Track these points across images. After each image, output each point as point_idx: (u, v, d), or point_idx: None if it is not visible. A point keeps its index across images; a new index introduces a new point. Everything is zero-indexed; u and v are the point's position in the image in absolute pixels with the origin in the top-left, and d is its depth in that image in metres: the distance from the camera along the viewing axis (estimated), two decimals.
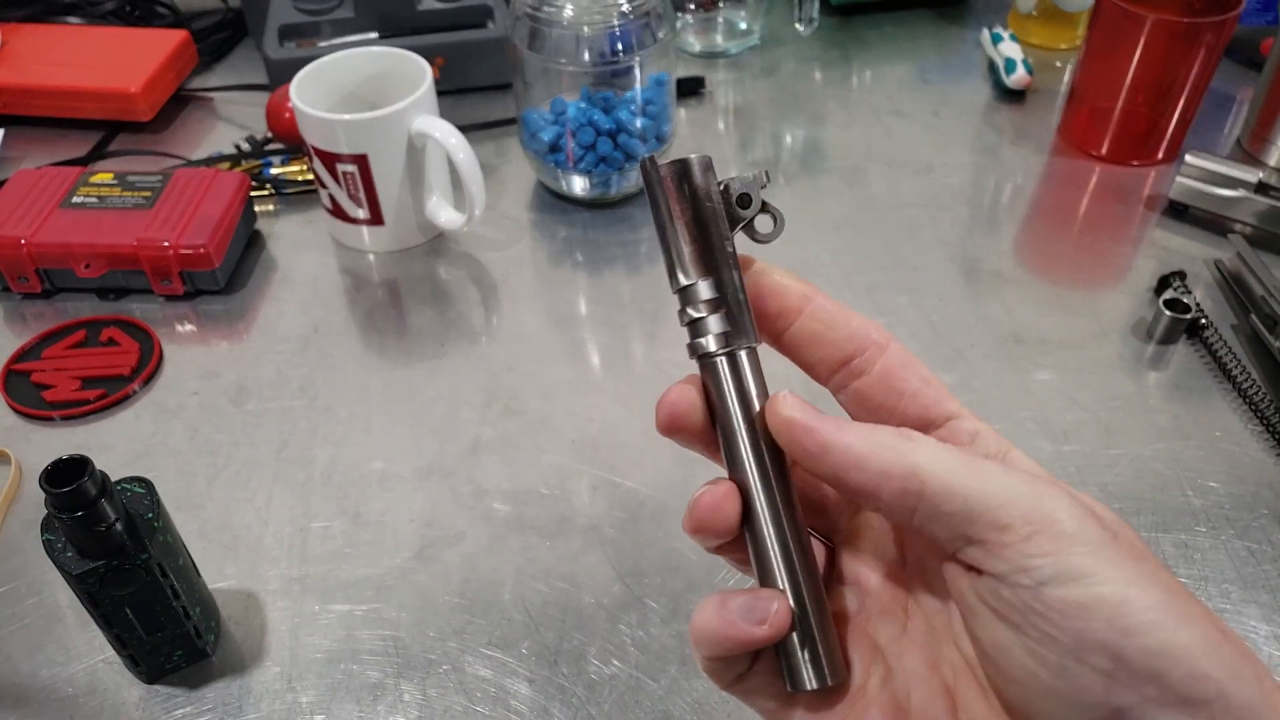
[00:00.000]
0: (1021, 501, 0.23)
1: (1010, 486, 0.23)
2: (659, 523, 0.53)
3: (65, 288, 0.66)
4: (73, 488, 0.38)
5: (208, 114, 0.84)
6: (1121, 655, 0.22)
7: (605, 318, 0.65)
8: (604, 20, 0.65)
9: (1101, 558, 0.22)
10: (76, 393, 0.59)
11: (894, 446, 0.24)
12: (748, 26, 0.91)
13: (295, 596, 0.50)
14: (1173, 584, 0.23)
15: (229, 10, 0.95)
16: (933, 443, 0.25)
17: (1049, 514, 0.23)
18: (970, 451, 0.25)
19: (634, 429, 0.57)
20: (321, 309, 0.66)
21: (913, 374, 0.27)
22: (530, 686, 0.46)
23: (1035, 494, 0.23)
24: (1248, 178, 0.68)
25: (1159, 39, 0.70)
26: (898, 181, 0.75)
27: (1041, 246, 0.70)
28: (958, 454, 0.24)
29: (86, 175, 0.68)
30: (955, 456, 0.24)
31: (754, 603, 0.26)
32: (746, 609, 0.26)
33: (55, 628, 0.49)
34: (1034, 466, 0.26)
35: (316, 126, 0.64)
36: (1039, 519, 0.23)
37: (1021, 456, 0.27)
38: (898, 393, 0.27)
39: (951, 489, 0.23)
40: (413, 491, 0.54)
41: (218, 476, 0.55)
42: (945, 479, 0.23)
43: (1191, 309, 0.62)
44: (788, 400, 0.26)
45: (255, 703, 0.46)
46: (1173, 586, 0.23)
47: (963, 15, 0.95)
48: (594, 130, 0.69)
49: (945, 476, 0.23)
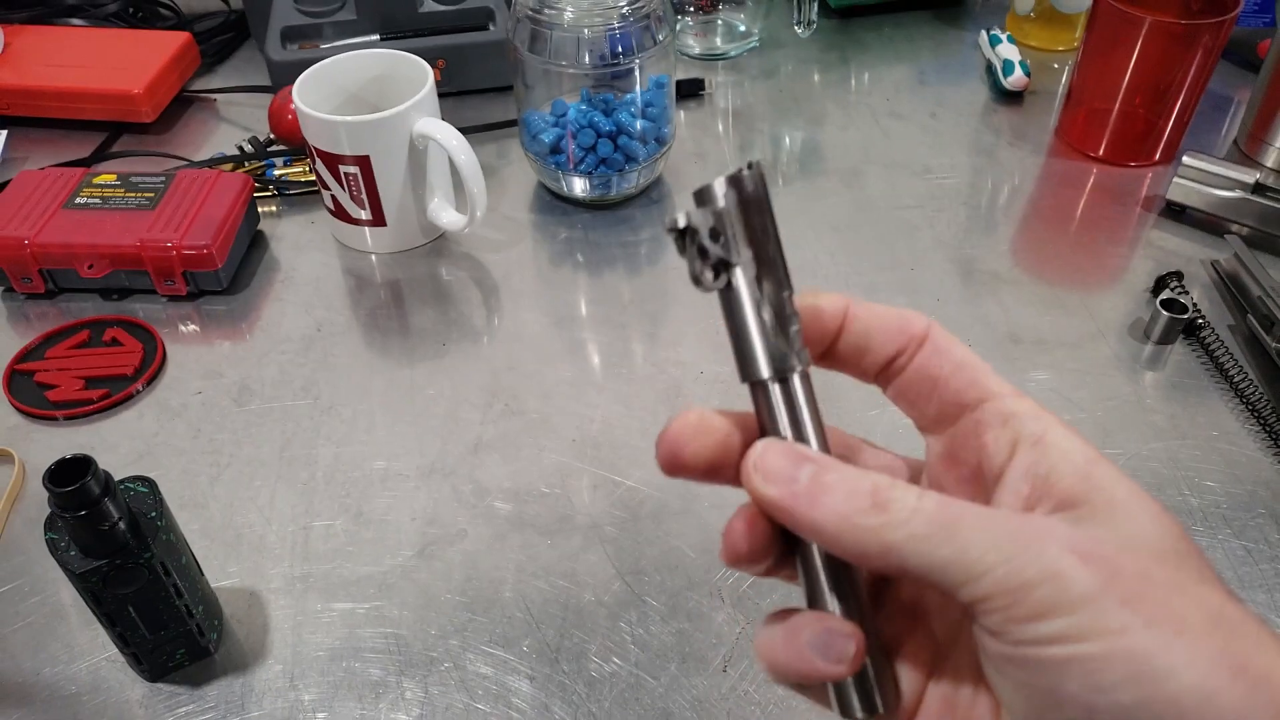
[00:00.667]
0: (999, 569, 0.22)
1: (992, 547, 0.22)
2: (659, 521, 0.53)
3: (68, 288, 0.67)
4: (76, 487, 0.38)
5: (210, 115, 0.84)
6: (1094, 712, 0.21)
7: (606, 318, 0.65)
8: (604, 23, 0.66)
9: (1086, 614, 0.21)
10: (80, 392, 0.60)
11: (867, 527, 0.23)
12: (747, 29, 0.91)
13: (298, 595, 0.50)
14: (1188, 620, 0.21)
15: (231, 12, 0.95)
16: (910, 503, 0.23)
17: (1027, 580, 0.22)
18: (951, 501, 0.23)
19: (634, 428, 0.58)
20: (324, 309, 0.66)
21: (947, 359, 0.27)
22: (531, 684, 0.46)
23: (1018, 549, 0.22)
24: (1245, 179, 0.68)
25: (1156, 40, 0.70)
26: (896, 183, 0.76)
27: (1039, 247, 0.70)
28: (936, 515, 0.23)
29: (90, 176, 0.68)
30: (932, 522, 0.22)
31: (829, 639, 0.25)
32: (823, 645, 0.25)
33: (58, 626, 0.49)
34: (1073, 445, 0.24)
35: (319, 128, 0.64)
36: (1017, 585, 0.22)
37: (1062, 435, 0.25)
38: (932, 380, 0.27)
39: (930, 564, 0.22)
40: (414, 490, 0.55)
41: (220, 476, 0.56)
42: (924, 556, 0.22)
43: (1189, 309, 0.62)
44: (761, 468, 0.24)
45: (258, 700, 0.46)
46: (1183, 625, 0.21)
47: (961, 17, 0.96)
48: (594, 132, 0.69)
49: (923, 553, 0.22)
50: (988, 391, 0.26)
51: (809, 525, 0.24)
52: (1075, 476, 0.24)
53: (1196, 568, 0.23)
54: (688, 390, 0.60)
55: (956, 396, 0.26)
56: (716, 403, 0.58)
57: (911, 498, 0.23)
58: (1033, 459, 0.24)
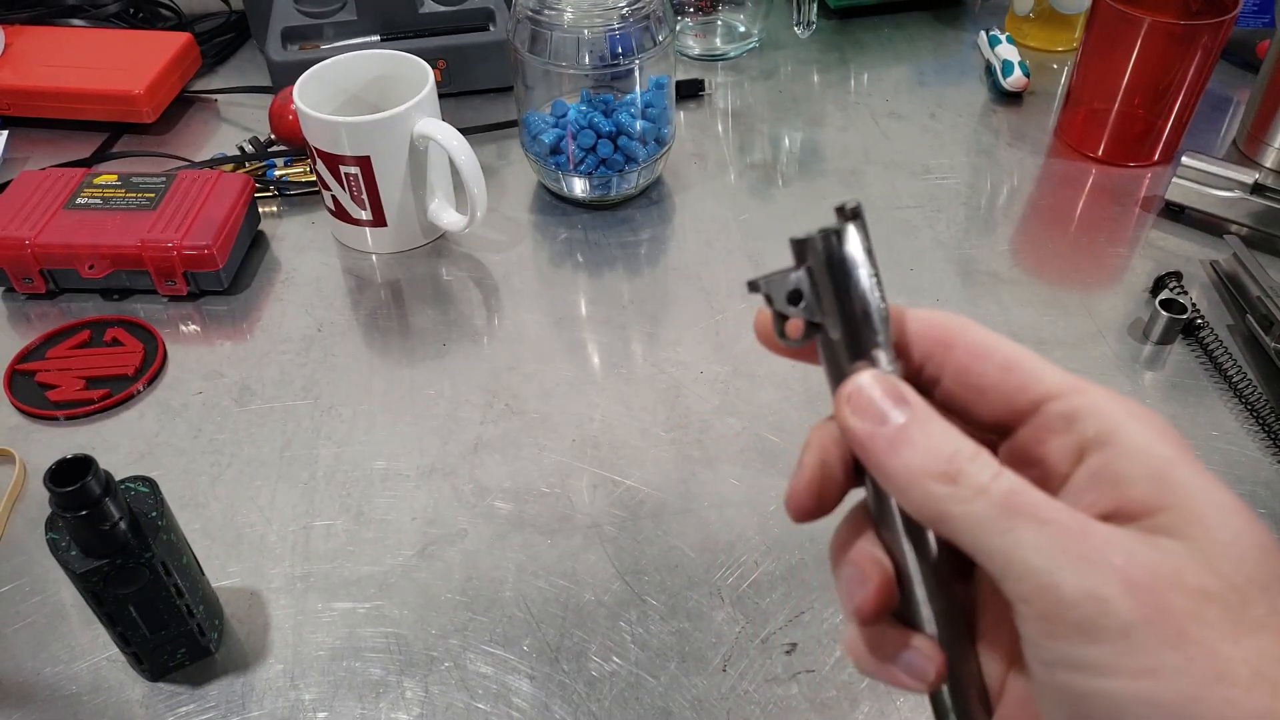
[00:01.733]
0: (1042, 577, 0.21)
1: (1042, 551, 0.21)
2: (658, 521, 0.53)
3: (69, 288, 0.67)
4: (77, 487, 0.38)
5: (211, 116, 0.84)
6: None
7: (605, 318, 0.65)
8: (604, 23, 0.66)
9: (1119, 647, 0.20)
10: (80, 392, 0.60)
11: (931, 493, 0.22)
12: (747, 30, 0.91)
13: (298, 594, 0.50)
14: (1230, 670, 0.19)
15: (232, 13, 0.95)
16: (979, 482, 0.22)
17: (1066, 597, 0.20)
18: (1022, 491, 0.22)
19: (634, 428, 0.58)
20: (324, 309, 0.66)
21: (990, 363, 0.24)
22: (531, 683, 0.46)
23: (1068, 561, 0.20)
24: (1244, 179, 0.68)
25: (1156, 41, 0.70)
26: (895, 183, 0.76)
27: (1038, 247, 0.70)
28: (999, 502, 0.21)
29: (90, 176, 0.68)
30: (993, 508, 0.21)
31: (915, 659, 0.24)
32: (908, 665, 0.24)
33: (59, 626, 0.49)
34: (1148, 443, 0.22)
35: (319, 129, 0.64)
36: (1055, 599, 0.20)
37: (1137, 430, 0.22)
38: (978, 390, 0.24)
39: (978, 549, 0.22)
40: (415, 490, 0.55)
41: (221, 475, 0.56)
42: (975, 539, 0.22)
43: (1188, 309, 0.62)
44: (856, 396, 0.23)
45: (258, 700, 0.46)
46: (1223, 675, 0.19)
47: (960, 18, 0.96)
48: (594, 133, 0.69)
49: (976, 536, 0.22)
50: (1045, 392, 0.24)
51: (880, 469, 0.23)
52: (1149, 482, 0.21)
53: (1272, 602, 0.20)
54: (688, 390, 0.60)
55: (1008, 404, 0.24)
56: (716, 402, 0.59)
57: (984, 476, 0.22)
58: (1100, 462, 0.22)
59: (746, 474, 0.55)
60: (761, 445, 0.57)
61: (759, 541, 0.52)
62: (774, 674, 0.47)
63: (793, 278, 0.25)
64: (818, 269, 0.24)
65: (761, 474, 0.55)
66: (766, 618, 0.49)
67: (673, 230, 0.72)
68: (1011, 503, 0.21)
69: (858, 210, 0.24)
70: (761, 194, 0.75)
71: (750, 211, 0.73)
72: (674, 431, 0.58)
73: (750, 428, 0.58)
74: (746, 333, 0.63)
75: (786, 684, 0.46)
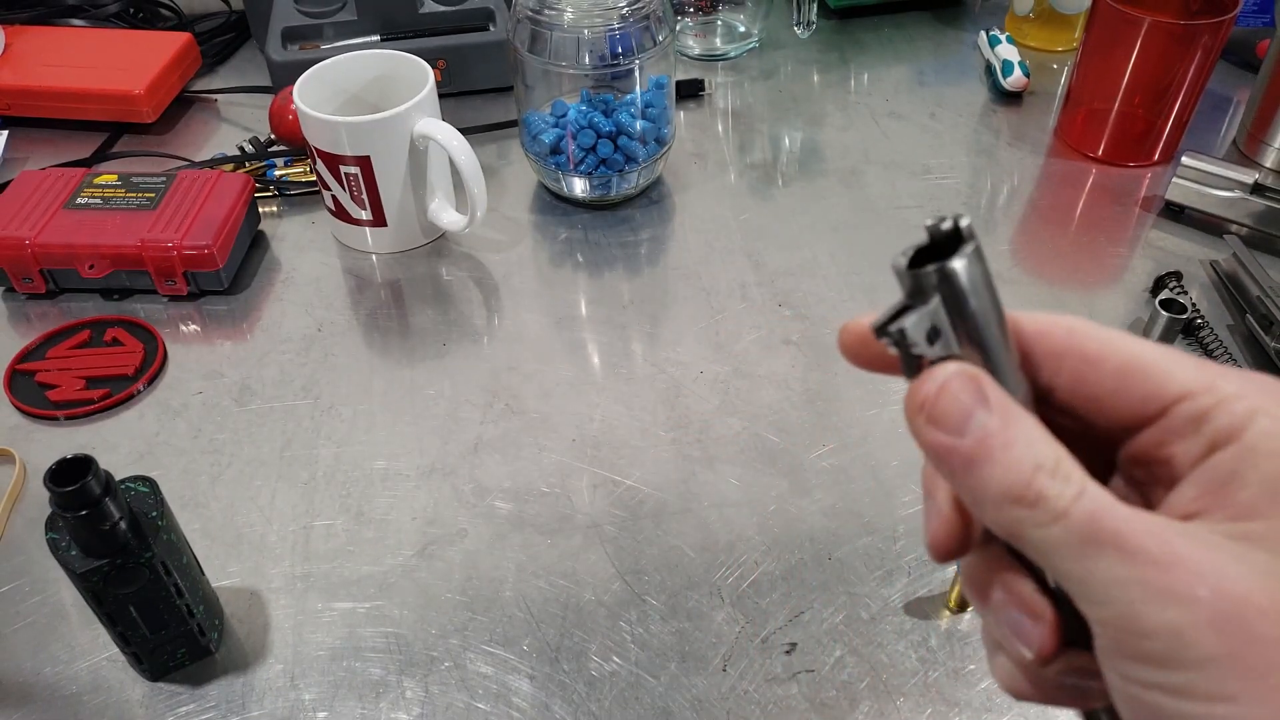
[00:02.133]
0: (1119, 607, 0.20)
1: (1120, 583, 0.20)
2: (658, 521, 0.53)
3: (69, 288, 0.67)
4: (77, 487, 0.38)
5: (211, 116, 0.84)
6: None
7: (605, 318, 0.65)
8: (604, 23, 0.66)
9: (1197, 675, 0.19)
10: (81, 392, 0.60)
11: (1009, 515, 0.21)
12: (746, 30, 0.91)
13: (298, 594, 0.50)
14: None
15: (232, 13, 0.95)
16: (1059, 505, 0.20)
17: (1143, 629, 0.19)
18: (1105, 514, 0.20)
19: (634, 428, 0.58)
20: (324, 309, 0.66)
21: (1105, 369, 0.22)
22: (531, 683, 0.46)
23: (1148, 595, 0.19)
24: (1244, 179, 0.68)
25: (1156, 41, 0.70)
26: (895, 183, 0.76)
27: (1038, 247, 0.70)
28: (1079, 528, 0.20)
29: (91, 176, 0.68)
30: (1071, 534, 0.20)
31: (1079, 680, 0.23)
32: (1071, 689, 0.23)
33: (59, 626, 0.49)
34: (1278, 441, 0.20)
35: (319, 128, 0.64)
36: (1132, 630, 0.20)
37: (1266, 427, 0.21)
38: (1093, 400, 0.22)
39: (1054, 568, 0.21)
40: (415, 490, 0.55)
41: (221, 475, 0.56)
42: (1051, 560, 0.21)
43: (1187, 309, 0.62)
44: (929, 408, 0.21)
45: (258, 700, 0.46)
46: None
47: (960, 18, 0.96)
48: (594, 133, 0.69)
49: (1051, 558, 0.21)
50: (1172, 394, 0.21)
51: (960, 485, 0.21)
52: (1261, 487, 0.20)
53: None
54: (688, 390, 0.60)
55: (1129, 412, 0.22)
56: (716, 402, 0.59)
57: (1066, 497, 0.20)
58: (1219, 459, 0.21)
59: (746, 474, 0.55)
60: (761, 445, 0.57)
61: (759, 541, 0.52)
62: (774, 674, 0.47)
63: (924, 315, 0.22)
64: (950, 300, 0.22)
65: (761, 474, 0.55)
66: (766, 618, 0.49)
67: (673, 230, 0.72)
68: (1093, 529, 0.20)
69: (971, 228, 0.22)
70: (761, 194, 0.75)
71: (750, 211, 0.73)
72: (674, 431, 0.58)
73: (750, 428, 0.58)
74: (746, 332, 0.63)
75: (786, 684, 0.46)
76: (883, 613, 0.49)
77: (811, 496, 0.54)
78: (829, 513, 0.53)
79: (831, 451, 0.56)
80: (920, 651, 0.48)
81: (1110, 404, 0.22)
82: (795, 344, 0.62)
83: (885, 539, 0.52)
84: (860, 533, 0.52)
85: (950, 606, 0.49)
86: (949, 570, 0.51)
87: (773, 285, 0.67)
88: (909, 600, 0.49)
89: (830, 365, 0.60)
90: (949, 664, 0.47)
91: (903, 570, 0.51)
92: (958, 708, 0.46)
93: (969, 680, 0.47)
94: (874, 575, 0.51)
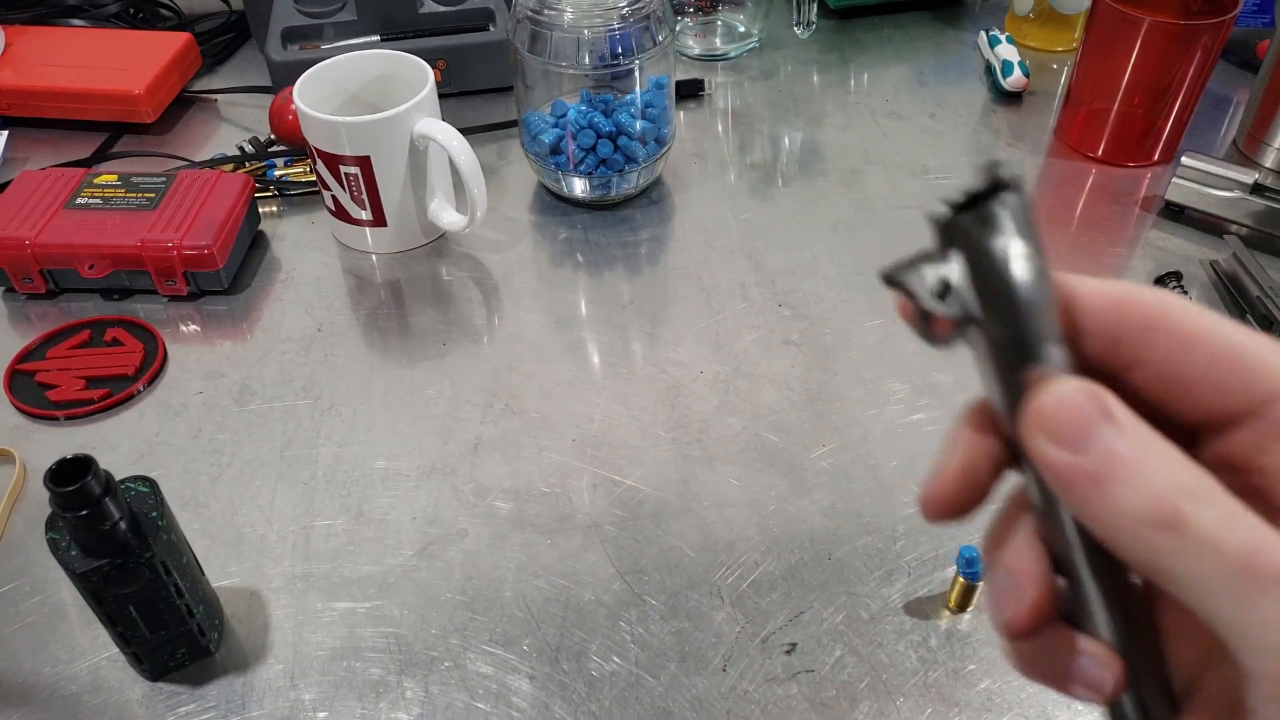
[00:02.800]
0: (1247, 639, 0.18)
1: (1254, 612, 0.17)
2: (658, 521, 0.53)
3: (69, 288, 0.67)
4: (77, 487, 0.38)
5: (211, 116, 0.84)
6: None
7: (605, 318, 0.65)
8: (604, 23, 0.66)
9: None
10: (81, 392, 0.60)
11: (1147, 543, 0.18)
12: (746, 30, 0.91)
13: (298, 594, 0.50)
14: None
15: (232, 13, 0.95)
16: (1206, 530, 0.18)
17: None
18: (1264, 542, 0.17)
19: (634, 428, 0.58)
20: (324, 309, 0.66)
21: (1198, 353, 0.20)
22: (531, 683, 0.46)
23: None
24: (1243, 179, 0.68)
25: (1156, 41, 0.70)
26: (895, 183, 0.76)
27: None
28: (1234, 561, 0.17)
29: (91, 176, 0.68)
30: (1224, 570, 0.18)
31: (1089, 669, 0.21)
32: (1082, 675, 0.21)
33: (59, 626, 0.49)
34: None
35: (319, 128, 0.64)
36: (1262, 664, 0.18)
37: None
38: (1181, 384, 0.20)
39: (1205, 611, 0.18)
40: (415, 490, 0.55)
41: (221, 475, 0.56)
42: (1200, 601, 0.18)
43: None
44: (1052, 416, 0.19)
45: (258, 700, 0.46)
46: None
47: (960, 18, 0.96)
48: (594, 133, 0.69)
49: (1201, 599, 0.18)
50: (1266, 392, 0.19)
51: (1083, 511, 0.19)
52: None
53: None
54: (688, 390, 0.60)
55: (1221, 403, 0.20)
56: (716, 402, 0.59)
57: (1212, 521, 0.17)
58: None
59: (746, 474, 0.55)
60: (761, 445, 0.57)
61: (759, 541, 0.52)
62: (774, 674, 0.47)
63: (940, 267, 0.20)
64: (975, 255, 0.20)
65: (761, 474, 0.55)
66: (766, 618, 0.49)
67: (673, 230, 0.72)
68: (1251, 563, 0.17)
69: (1017, 180, 0.19)
70: (761, 194, 0.75)
71: (750, 211, 0.73)
72: (674, 431, 0.58)
73: (750, 428, 0.58)
74: (746, 332, 0.63)
75: (786, 684, 0.46)
76: (883, 613, 0.49)
77: (811, 496, 0.54)
78: (829, 513, 0.53)
79: (831, 451, 0.56)
80: (920, 651, 0.48)
81: (1200, 390, 0.20)
82: (795, 344, 0.62)
83: (885, 539, 0.52)
84: (860, 533, 0.52)
85: (950, 606, 0.49)
86: (949, 570, 0.51)
87: (773, 285, 0.67)
88: (909, 600, 0.50)
89: (830, 365, 0.60)
90: (949, 664, 0.47)
91: (903, 570, 0.51)
92: (958, 708, 0.46)
93: (969, 680, 0.47)
94: (874, 575, 0.51)
